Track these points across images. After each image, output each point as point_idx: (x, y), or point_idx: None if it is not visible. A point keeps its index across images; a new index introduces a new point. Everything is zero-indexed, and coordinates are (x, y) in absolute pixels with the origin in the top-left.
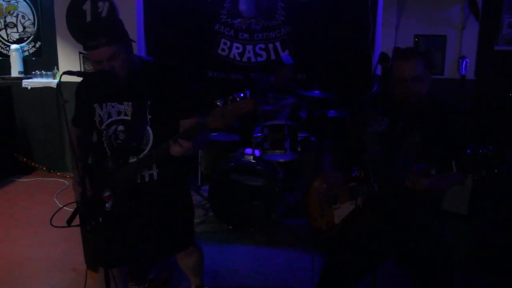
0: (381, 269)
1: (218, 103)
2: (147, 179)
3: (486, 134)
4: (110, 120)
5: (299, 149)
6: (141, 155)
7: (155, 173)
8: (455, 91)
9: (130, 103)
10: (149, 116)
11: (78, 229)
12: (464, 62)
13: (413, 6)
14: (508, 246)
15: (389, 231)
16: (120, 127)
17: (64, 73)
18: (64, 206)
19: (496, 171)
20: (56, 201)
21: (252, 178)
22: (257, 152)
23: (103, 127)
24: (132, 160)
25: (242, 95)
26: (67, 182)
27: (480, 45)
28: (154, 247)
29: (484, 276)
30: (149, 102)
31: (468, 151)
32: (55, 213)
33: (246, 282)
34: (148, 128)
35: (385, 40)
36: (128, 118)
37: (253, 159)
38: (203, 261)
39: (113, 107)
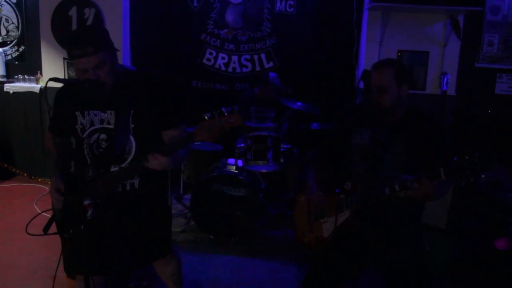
0: (362, 275)
1: (206, 117)
2: (128, 188)
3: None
4: (92, 128)
5: (281, 160)
6: (124, 164)
7: (136, 182)
8: (436, 107)
9: (113, 112)
10: (132, 125)
11: (58, 236)
12: (445, 78)
13: (397, 22)
14: (486, 259)
15: (375, 236)
16: (103, 136)
17: (51, 79)
18: (41, 212)
19: (483, 176)
20: (36, 208)
21: (234, 189)
22: (240, 163)
23: (85, 135)
24: (114, 169)
25: (229, 109)
26: (47, 188)
27: (461, 62)
28: (133, 255)
29: None
30: (132, 111)
31: (455, 158)
32: (31, 220)
33: None
34: (131, 137)
35: (369, 55)
36: (111, 126)
37: (236, 169)
38: (182, 269)
39: (95, 115)
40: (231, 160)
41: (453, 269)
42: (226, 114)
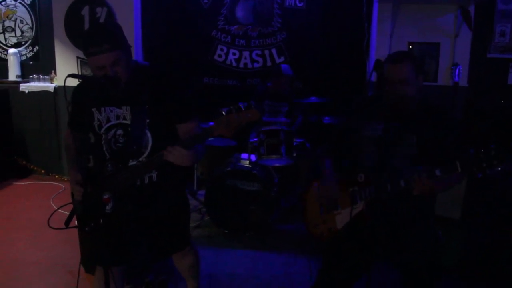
0: (376, 271)
1: (223, 112)
2: (146, 181)
3: (479, 140)
4: (109, 124)
5: (294, 154)
6: (141, 158)
7: (154, 175)
8: (448, 98)
9: (128, 108)
10: (147, 120)
11: (75, 231)
12: (457, 70)
13: (407, 14)
14: (501, 251)
15: (386, 232)
16: (119, 131)
17: (69, 76)
18: (59, 208)
19: (499, 168)
20: (53, 205)
21: (248, 183)
22: (253, 157)
23: (102, 131)
24: (132, 163)
25: (246, 104)
26: (63, 186)
27: (472, 52)
28: (152, 247)
29: (475, 281)
30: (146, 106)
31: (471, 151)
32: (52, 214)
33: (242, 286)
34: (147, 131)
35: (379, 48)
36: (127, 122)
37: (249, 164)
38: (199, 262)
39: (111, 111)
40: (245, 155)
41: (465, 261)
42: (243, 109)
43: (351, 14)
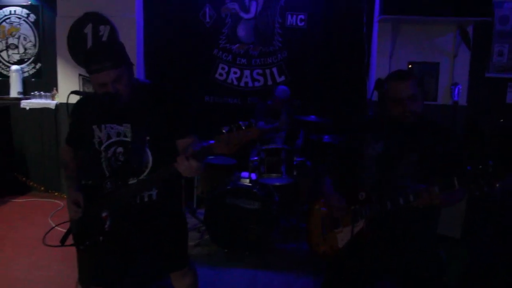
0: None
1: (224, 130)
2: (146, 199)
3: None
4: (109, 141)
5: (295, 173)
6: (141, 176)
7: (154, 194)
8: (448, 117)
9: (129, 125)
10: (147, 138)
11: (74, 249)
12: (456, 89)
13: (407, 34)
14: (501, 269)
15: (387, 250)
16: (120, 149)
17: (72, 92)
18: (56, 225)
19: (497, 185)
20: (51, 222)
21: (248, 202)
22: (253, 176)
23: (102, 148)
24: (132, 181)
25: (247, 123)
26: (62, 203)
27: (471, 72)
28: (150, 266)
29: None
30: (147, 124)
31: (469, 167)
32: (48, 231)
33: None
34: (147, 149)
35: (380, 67)
36: (127, 139)
37: (250, 183)
38: (198, 282)
39: (112, 128)
40: (245, 173)
41: (468, 280)
42: (243, 127)
43: (351, 34)
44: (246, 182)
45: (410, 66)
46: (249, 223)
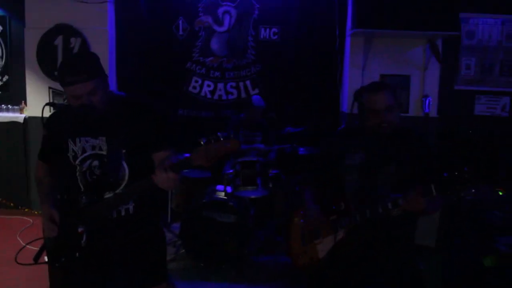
0: None
1: (202, 142)
2: (123, 213)
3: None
4: (84, 155)
5: (270, 185)
6: (118, 190)
7: (131, 207)
8: (420, 128)
9: (104, 138)
10: (123, 151)
11: (43, 268)
12: (427, 101)
13: (379, 47)
14: (476, 278)
15: (368, 259)
16: (95, 162)
17: (47, 104)
18: (28, 243)
19: (473, 191)
20: (20, 240)
21: (224, 215)
22: (228, 189)
23: (77, 162)
24: (108, 195)
25: (225, 134)
26: (31, 220)
27: (441, 85)
28: (128, 281)
29: None
30: (123, 137)
31: (445, 174)
32: (20, 250)
33: None
34: (123, 162)
35: (352, 80)
36: (103, 152)
37: (225, 196)
38: None
39: (87, 141)
40: (220, 187)
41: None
42: (222, 139)
43: (324, 47)
44: (222, 195)
45: (382, 78)
46: (225, 236)
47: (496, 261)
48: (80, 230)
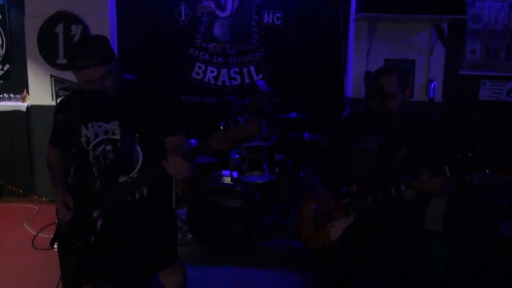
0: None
1: (220, 126)
2: (137, 197)
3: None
4: (97, 140)
5: (277, 170)
6: (132, 174)
7: (145, 191)
8: (425, 113)
9: (116, 122)
10: (136, 135)
11: (50, 253)
12: (432, 86)
13: (383, 32)
14: (480, 261)
15: (379, 243)
16: (108, 147)
17: (61, 89)
18: (42, 229)
19: (487, 171)
20: (27, 227)
21: (231, 200)
22: (235, 174)
23: (90, 147)
24: (122, 179)
25: (245, 117)
26: (37, 208)
27: (446, 69)
28: (143, 264)
29: None
30: (136, 121)
31: (458, 155)
32: (35, 235)
33: None
34: (137, 146)
35: (356, 65)
36: (116, 137)
37: (231, 181)
38: (187, 279)
39: (99, 126)
40: (226, 172)
41: (449, 272)
42: (241, 122)
43: (328, 31)
44: (228, 180)
45: (386, 63)
46: (232, 221)
47: None
48: (95, 214)
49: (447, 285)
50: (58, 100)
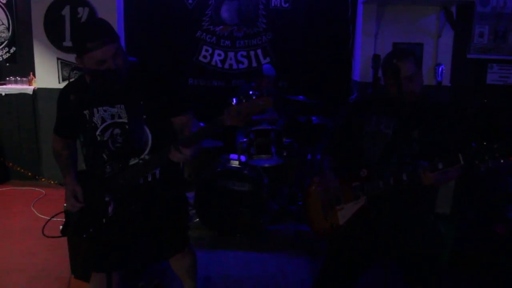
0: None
1: (232, 102)
2: (149, 179)
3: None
4: (104, 124)
5: (284, 154)
6: (143, 155)
7: (157, 172)
8: (436, 97)
9: (122, 106)
10: (144, 116)
11: (61, 238)
12: (440, 69)
13: (392, 15)
14: (487, 247)
15: (390, 226)
16: (117, 130)
17: (74, 69)
18: (54, 216)
19: (502, 161)
20: (34, 211)
21: (239, 183)
22: (242, 158)
23: (97, 133)
24: (133, 161)
25: (257, 93)
26: (43, 191)
27: (454, 53)
28: (154, 248)
29: (464, 276)
30: (142, 103)
31: (473, 144)
32: (46, 222)
33: (239, 287)
34: (145, 128)
35: (364, 48)
36: (123, 120)
37: (239, 164)
38: (196, 263)
39: (105, 111)
40: (233, 156)
41: (456, 254)
42: (254, 97)
43: (336, 15)
44: (236, 164)
45: (394, 47)
46: (240, 205)
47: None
48: (107, 199)
49: (455, 266)
50: (68, 82)
